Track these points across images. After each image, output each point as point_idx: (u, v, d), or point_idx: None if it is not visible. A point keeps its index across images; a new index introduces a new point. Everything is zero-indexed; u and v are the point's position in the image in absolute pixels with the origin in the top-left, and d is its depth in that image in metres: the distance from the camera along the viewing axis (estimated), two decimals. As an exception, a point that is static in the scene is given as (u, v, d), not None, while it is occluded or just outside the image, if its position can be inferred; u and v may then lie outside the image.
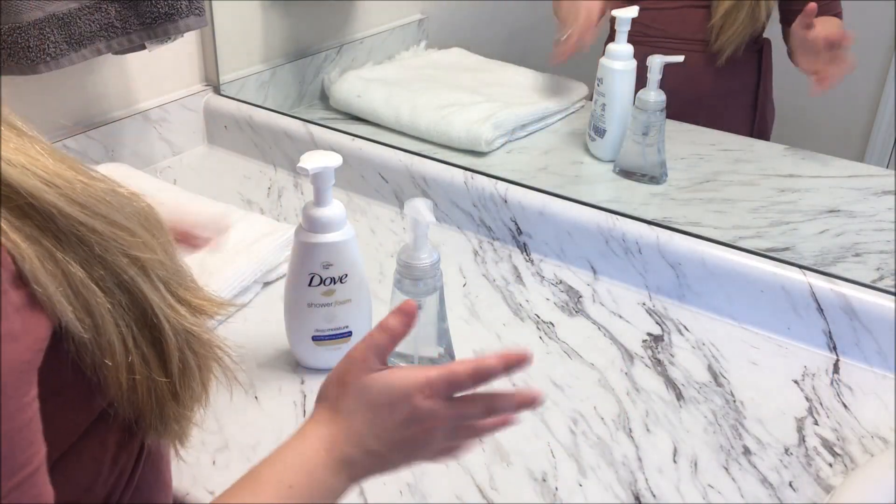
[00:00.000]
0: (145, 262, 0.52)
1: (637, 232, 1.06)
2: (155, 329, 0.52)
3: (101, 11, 1.10)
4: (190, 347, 0.55)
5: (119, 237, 0.50)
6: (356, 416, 0.60)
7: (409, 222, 0.83)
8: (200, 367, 0.56)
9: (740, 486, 0.79)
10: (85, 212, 0.49)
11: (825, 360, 0.96)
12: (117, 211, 0.51)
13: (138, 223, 0.53)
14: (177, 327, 0.54)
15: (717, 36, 1.31)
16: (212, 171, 1.38)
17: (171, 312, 0.53)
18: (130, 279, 0.51)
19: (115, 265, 0.50)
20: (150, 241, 0.53)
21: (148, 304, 0.52)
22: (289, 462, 0.60)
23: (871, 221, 1.14)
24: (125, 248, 0.51)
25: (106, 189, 0.52)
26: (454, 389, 0.60)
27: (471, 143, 1.31)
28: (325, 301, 0.87)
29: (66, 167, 0.50)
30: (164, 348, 0.53)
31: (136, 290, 0.51)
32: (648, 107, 1.20)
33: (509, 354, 0.60)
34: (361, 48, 1.62)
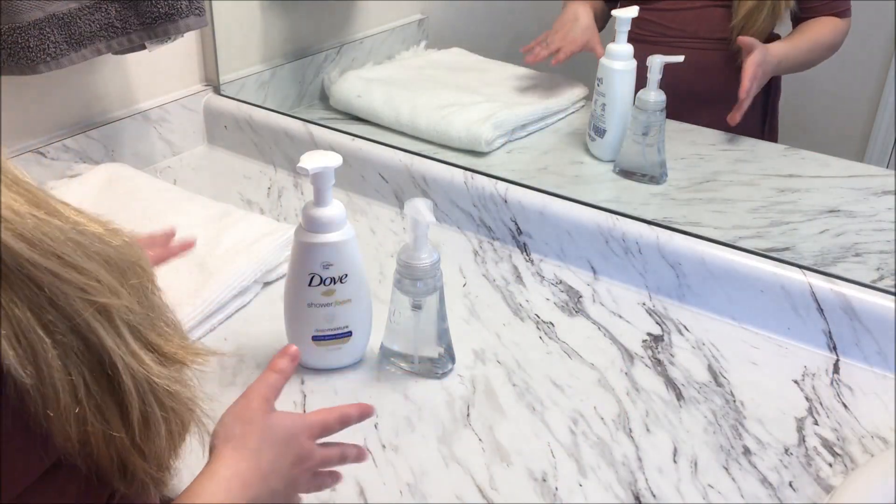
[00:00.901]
0: (107, 307, 0.49)
1: (637, 232, 1.06)
2: (112, 379, 0.49)
3: (101, 11, 1.10)
4: (155, 398, 0.52)
5: (76, 280, 0.47)
6: (263, 454, 0.63)
7: (409, 222, 0.83)
8: (167, 420, 0.53)
9: (740, 486, 0.79)
10: (34, 250, 0.45)
11: (825, 360, 0.96)
12: (76, 251, 0.48)
13: (103, 264, 0.49)
14: (138, 376, 0.50)
15: (737, 36, 1.30)
16: (212, 171, 1.38)
17: (134, 361, 0.50)
18: (86, 324, 0.47)
19: (69, 309, 0.47)
20: (113, 285, 0.49)
21: (105, 351, 0.48)
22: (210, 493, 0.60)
23: (871, 221, 1.14)
24: (83, 293, 0.47)
25: (64, 227, 0.48)
26: (326, 433, 0.69)
27: (471, 143, 1.31)
28: (325, 301, 0.87)
29: (22, 200, 0.46)
30: (122, 399, 0.50)
31: (93, 337, 0.48)
32: (648, 107, 1.20)
33: (363, 407, 0.72)
34: (361, 48, 1.62)
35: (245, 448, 0.63)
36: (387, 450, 0.81)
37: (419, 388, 0.90)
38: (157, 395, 0.52)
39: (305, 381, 0.91)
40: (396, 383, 0.90)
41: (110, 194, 1.18)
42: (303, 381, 0.91)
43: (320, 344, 0.90)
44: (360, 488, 0.77)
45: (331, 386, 0.90)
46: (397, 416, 0.86)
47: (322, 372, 0.92)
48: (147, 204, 1.16)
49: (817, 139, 1.44)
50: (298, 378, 0.91)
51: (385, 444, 0.82)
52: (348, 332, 0.90)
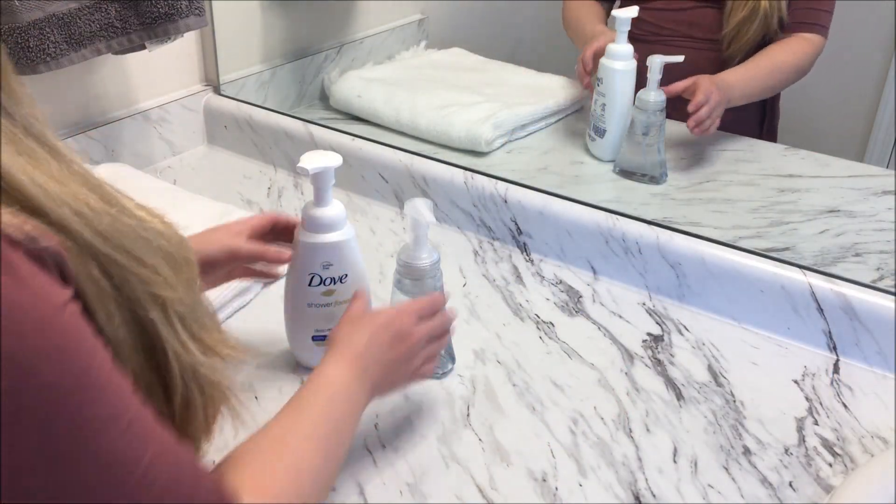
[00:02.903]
0: (165, 300, 0.52)
1: (637, 232, 1.06)
2: (161, 364, 0.53)
3: (101, 11, 1.10)
4: (197, 384, 0.56)
5: (140, 272, 0.51)
6: (362, 341, 0.73)
7: (410, 222, 0.83)
8: (206, 405, 0.57)
9: (740, 486, 0.79)
10: (108, 245, 0.49)
11: (825, 360, 0.96)
12: (143, 247, 0.52)
13: (163, 260, 0.53)
14: (184, 363, 0.54)
15: (728, 44, 1.30)
16: (212, 171, 1.38)
17: (182, 349, 0.54)
18: (145, 313, 0.51)
19: (132, 298, 0.50)
20: (172, 279, 0.53)
21: (159, 339, 0.52)
22: (321, 385, 0.70)
23: (871, 221, 1.14)
24: (145, 285, 0.51)
25: (135, 224, 0.52)
26: (420, 315, 0.78)
27: (471, 143, 1.31)
28: (325, 301, 0.87)
29: (96, 197, 0.50)
30: (168, 383, 0.54)
31: (149, 324, 0.52)
32: (649, 107, 1.20)
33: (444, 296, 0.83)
34: (361, 48, 1.62)
35: (347, 343, 0.73)
36: (387, 450, 0.81)
37: (419, 388, 0.90)
38: (199, 383, 0.56)
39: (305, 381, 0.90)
40: (396, 383, 0.90)
41: (110, 194, 1.17)
42: (302, 381, 0.90)
43: (320, 344, 0.89)
44: (359, 488, 0.77)
45: (331, 386, 0.90)
46: (397, 416, 0.86)
47: (322, 372, 0.92)
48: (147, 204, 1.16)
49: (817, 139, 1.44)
50: (298, 378, 0.91)
51: (385, 444, 0.82)
52: None
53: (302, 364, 0.92)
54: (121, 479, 0.46)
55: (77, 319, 0.46)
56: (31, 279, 0.43)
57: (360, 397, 0.71)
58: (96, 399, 0.45)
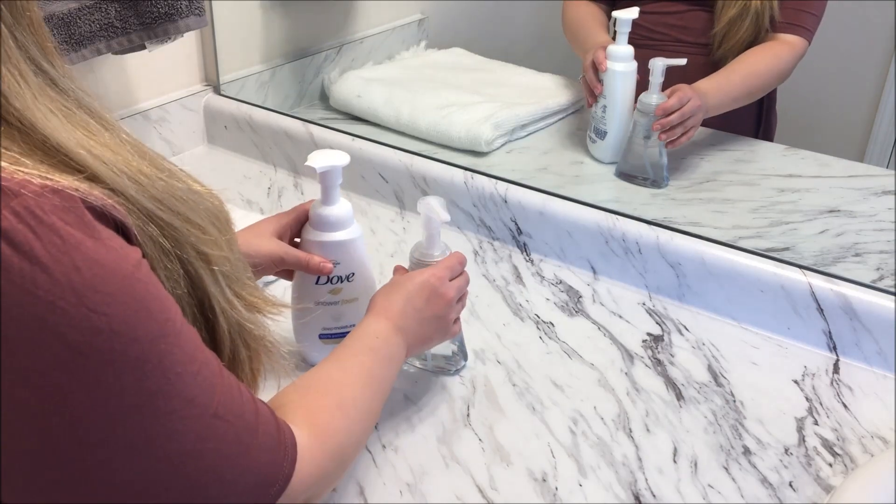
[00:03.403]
0: (212, 258, 0.55)
1: (637, 232, 1.06)
2: (210, 319, 0.56)
3: (101, 11, 1.10)
4: (242, 339, 0.59)
5: (192, 233, 0.54)
6: (399, 300, 0.78)
7: (423, 220, 0.83)
8: (251, 359, 0.61)
9: (740, 486, 0.79)
10: (162, 208, 0.52)
11: (825, 360, 0.96)
12: (192, 209, 0.55)
13: (210, 221, 0.56)
14: (231, 319, 0.57)
15: (719, 44, 1.30)
16: (212, 171, 1.38)
17: (228, 306, 0.57)
18: (195, 271, 0.54)
19: (184, 257, 0.53)
20: (218, 239, 0.57)
21: (206, 295, 0.55)
22: (362, 336, 0.74)
23: (871, 221, 1.14)
24: (196, 244, 0.54)
25: (184, 188, 0.55)
26: (452, 273, 0.82)
27: (471, 143, 1.31)
28: (332, 299, 0.87)
29: (147, 163, 0.53)
30: (216, 336, 0.57)
31: (199, 282, 0.55)
32: (650, 110, 1.20)
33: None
34: (361, 48, 1.62)
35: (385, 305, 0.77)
36: (387, 450, 0.81)
37: (419, 388, 0.90)
38: (244, 337, 0.59)
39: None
40: (396, 383, 0.90)
41: (110, 194, 1.18)
42: (303, 381, 0.90)
43: (327, 342, 0.90)
44: (359, 488, 0.77)
45: (331, 386, 0.90)
46: (397, 416, 0.86)
47: (322, 372, 0.92)
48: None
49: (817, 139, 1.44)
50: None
51: (385, 444, 0.82)
52: None
53: (308, 362, 0.92)
54: (195, 415, 0.50)
55: (151, 275, 0.49)
56: (111, 241, 0.47)
57: (398, 350, 0.75)
58: (174, 347, 0.48)
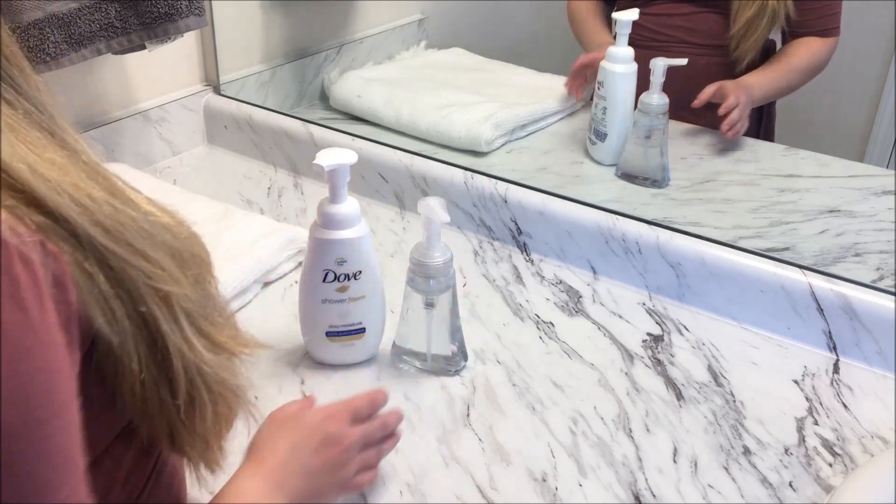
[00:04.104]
0: (168, 294, 0.51)
1: (637, 232, 1.06)
2: (165, 360, 0.52)
3: (101, 11, 1.10)
4: (204, 383, 0.55)
5: (143, 266, 0.50)
6: (283, 447, 0.68)
7: (423, 221, 0.83)
8: (216, 404, 0.56)
9: (740, 486, 0.79)
10: (108, 236, 0.48)
11: (825, 360, 0.96)
12: (145, 240, 0.51)
13: (168, 254, 0.53)
14: (188, 361, 0.53)
15: (738, 44, 1.30)
16: (212, 171, 1.38)
17: (185, 346, 0.53)
18: (147, 307, 0.50)
19: (134, 291, 0.50)
20: (176, 274, 0.53)
21: (160, 334, 0.51)
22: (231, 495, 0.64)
23: (871, 221, 1.14)
24: (148, 279, 0.50)
25: (137, 217, 0.51)
26: (355, 416, 0.72)
27: (471, 143, 1.31)
28: (339, 297, 0.88)
29: (99, 188, 0.50)
30: (171, 377, 0.53)
31: (151, 320, 0.51)
32: (651, 110, 1.20)
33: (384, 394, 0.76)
34: (361, 48, 1.62)
35: (263, 450, 0.68)
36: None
37: (419, 388, 0.90)
38: (206, 380, 0.55)
39: (305, 381, 0.91)
40: (397, 383, 0.90)
41: (110, 194, 1.17)
42: (303, 381, 0.91)
43: (334, 340, 0.90)
44: (360, 488, 0.77)
45: (331, 386, 0.90)
46: (397, 416, 0.86)
47: (322, 372, 0.92)
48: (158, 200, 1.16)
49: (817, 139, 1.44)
50: (298, 378, 0.91)
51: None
52: (361, 329, 0.90)
53: (315, 359, 0.93)
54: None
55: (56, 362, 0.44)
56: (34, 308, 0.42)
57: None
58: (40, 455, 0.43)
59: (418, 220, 0.86)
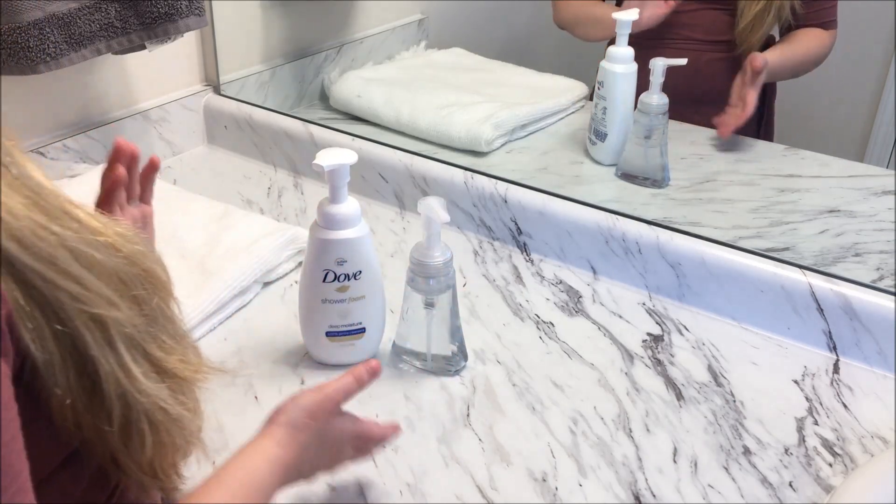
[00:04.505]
0: (102, 318, 0.49)
1: (637, 232, 1.06)
2: (96, 385, 0.49)
3: (101, 11, 1.10)
4: (144, 411, 0.51)
5: (68, 287, 0.47)
6: (309, 451, 0.69)
7: (423, 220, 0.83)
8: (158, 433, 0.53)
9: (740, 486, 0.79)
10: (26, 253, 0.46)
11: (825, 360, 0.96)
12: (71, 259, 0.48)
13: (101, 274, 0.49)
14: (124, 388, 0.50)
15: (744, 39, 1.31)
16: (212, 171, 1.38)
17: (121, 372, 0.50)
18: (74, 330, 0.48)
19: (60, 312, 0.47)
20: (110, 296, 0.49)
21: (90, 358, 0.48)
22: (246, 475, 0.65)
23: (871, 221, 1.14)
24: (75, 300, 0.47)
25: (63, 234, 0.48)
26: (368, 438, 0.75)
27: (471, 143, 1.31)
28: (340, 297, 0.88)
29: (25, 202, 0.47)
30: (103, 403, 0.50)
31: (80, 343, 0.48)
32: (651, 110, 1.20)
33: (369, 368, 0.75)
34: (361, 48, 1.62)
35: (295, 439, 0.68)
36: (387, 450, 0.81)
37: (419, 388, 0.90)
38: (144, 409, 0.52)
39: (305, 381, 0.91)
40: (397, 383, 0.90)
41: (110, 194, 1.17)
42: (303, 381, 0.91)
43: (334, 340, 0.90)
44: (360, 488, 0.77)
45: (331, 386, 0.90)
46: (397, 416, 0.86)
47: (322, 372, 0.92)
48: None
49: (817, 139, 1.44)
50: (298, 378, 0.91)
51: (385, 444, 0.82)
52: (362, 329, 0.90)
53: (315, 359, 0.93)
54: None
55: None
56: None
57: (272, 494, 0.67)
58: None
59: (418, 220, 0.86)
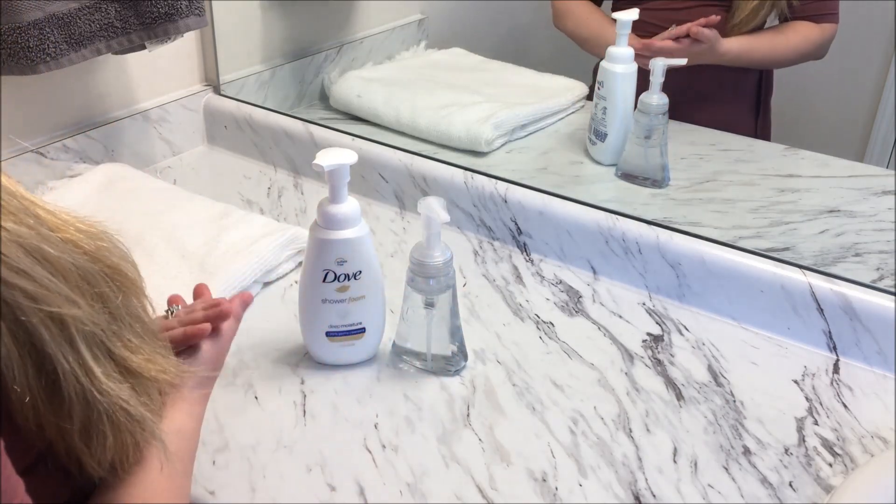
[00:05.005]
0: (60, 315, 0.48)
1: (637, 232, 1.06)
2: (55, 384, 0.49)
3: (101, 11, 1.10)
4: (104, 410, 0.51)
5: (22, 285, 0.47)
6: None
7: (423, 220, 0.83)
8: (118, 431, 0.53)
9: (740, 486, 0.79)
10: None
11: (825, 360, 0.96)
12: (24, 256, 0.47)
13: (59, 272, 0.49)
14: (83, 386, 0.50)
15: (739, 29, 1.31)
16: (212, 171, 1.38)
17: (80, 371, 0.49)
18: (31, 328, 0.47)
19: (17, 310, 0.47)
20: (68, 294, 0.49)
21: (47, 356, 0.48)
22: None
23: (871, 221, 1.14)
24: (30, 299, 0.47)
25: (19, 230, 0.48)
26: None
27: (471, 143, 1.31)
28: (339, 297, 0.88)
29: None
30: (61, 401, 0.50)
31: (37, 341, 0.48)
32: (651, 110, 1.20)
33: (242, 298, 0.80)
34: (361, 48, 1.62)
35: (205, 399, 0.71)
36: (387, 450, 0.82)
37: (419, 388, 0.90)
38: (104, 408, 0.51)
39: (305, 380, 0.91)
40: (397, 383, 0.90)
41: (110, 194, 1.18)
42: (303, 381, 0.91)
43: (334, 340, 0.90)
44: (359, 488, 0.77)
45: (331, 386, 0.90)
46: (397, 415, 0.86)
47: (322, 372, 0.92)
48: (147, 204, 1.16)
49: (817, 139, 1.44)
50: (298, 378, 0.91)
51: (385, 444, 0.82)
52: (361, 329, 0.90)
53: (315, 359, 0.93)
54: None
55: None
56: None
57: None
58: None
59: (418, 220, 0.86)
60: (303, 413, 0.86)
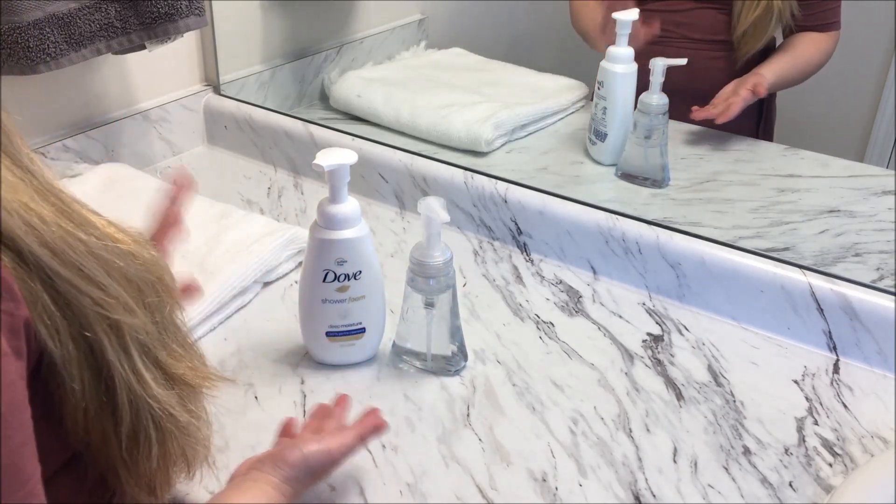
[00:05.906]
0: (119, 323, 0.50)
1: (637, 232, 1.06)
2: (109, 390, 0.50)
3: (101, 11, 1.10)
4: (152, 418, 0.52)
5: (92, 293, 0.49)
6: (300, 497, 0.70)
7: (423, 220, 0.83)
8: (163, 442, 0.54)
9: (740, 486, 0.79)
10: (56, 259, 0.47)
11: (825, 360, 0.96)
12: (97, 265, 0.49)
13: (122, 281, 0.51)
14: (135, 393, 0.51)
15: (743, 43, 1.31)
16: (212, 171, 1.38)
17: (133, 378, 0.51)
18: (93, 334, 0.49)
19: (81, 317, 0.48)
20: (130, 303, 0.51)
21: (106, 363, 0.50)
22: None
23: (871, 221, 1.14)
24: (97, 306, 0.49)
25: (89, 241, 0.50)
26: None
27: (471, 143, 1.31)
28: (339, 297, 0.88)
29: (52, 209, 0.48)
30: (116, 408, 0.51)
31: (98, 348, 0.49)
32: (651, 110, 1.20)
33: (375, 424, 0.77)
34: (361, 48, 1.62)
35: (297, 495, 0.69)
36: (387, 450, 0.82)
37: (419, 388, 0.90)
38: (153, 415, 0.52)
39: (305, 381, 0.91)
40: (397, 383, 0.90)
41: (110, 194, 1.18)
42: (303, 381, 0.91)
43: (334, 340, 0.90)
44: (360, 488, 0.77)
45: (331, 386, 0.90)
46: (397, 416, 0.86)
47: (322, 372, 0.92)
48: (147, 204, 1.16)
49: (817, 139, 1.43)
50: (298, 378, 0.91)
51: (385, 444, 0.82)
52: (362, 329, 0.90)
53: (315, 359, 0.93)
54: None
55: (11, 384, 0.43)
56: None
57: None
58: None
59: (418, 220, 0.86)
60: (303, 413, 0.86)
